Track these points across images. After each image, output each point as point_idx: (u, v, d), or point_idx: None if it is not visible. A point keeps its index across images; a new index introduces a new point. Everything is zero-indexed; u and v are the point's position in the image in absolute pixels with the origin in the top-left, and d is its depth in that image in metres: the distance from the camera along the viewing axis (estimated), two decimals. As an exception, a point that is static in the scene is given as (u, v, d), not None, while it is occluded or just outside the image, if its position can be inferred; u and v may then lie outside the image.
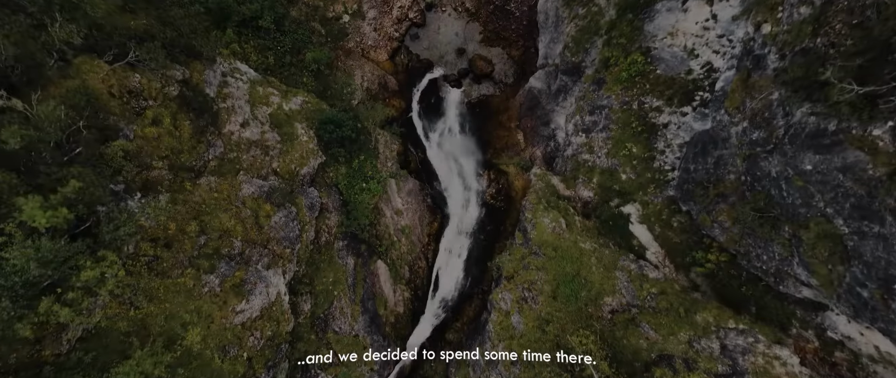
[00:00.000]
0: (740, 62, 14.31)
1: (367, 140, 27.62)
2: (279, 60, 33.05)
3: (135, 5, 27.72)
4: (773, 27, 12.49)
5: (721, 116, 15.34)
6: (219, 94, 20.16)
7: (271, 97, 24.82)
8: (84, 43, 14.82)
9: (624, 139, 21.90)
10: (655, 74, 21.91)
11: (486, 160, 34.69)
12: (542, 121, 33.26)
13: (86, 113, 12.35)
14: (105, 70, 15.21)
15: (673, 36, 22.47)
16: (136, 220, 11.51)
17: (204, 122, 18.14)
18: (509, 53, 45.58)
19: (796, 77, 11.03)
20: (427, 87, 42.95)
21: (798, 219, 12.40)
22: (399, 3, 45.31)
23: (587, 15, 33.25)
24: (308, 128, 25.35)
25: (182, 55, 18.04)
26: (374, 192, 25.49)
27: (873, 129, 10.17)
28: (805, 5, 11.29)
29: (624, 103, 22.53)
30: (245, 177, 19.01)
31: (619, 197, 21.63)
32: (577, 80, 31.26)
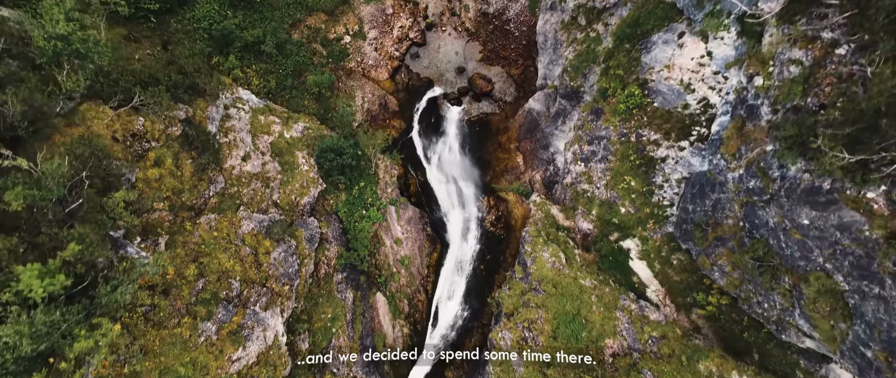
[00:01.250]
0: (735, 110, 14.46)
1: (368, 166, 27.78)
2: (281, 83, 33.43)
3: (139, 33, 28.36)
4: (765, 80, 12.64)
5: (718, 160, 15.44)
6: (221, 129, 20.39)
7: (273, 126, 25.06)
8: (90, 90, 15.05)
9: (622, 172, 21.99)
10: (653, 107, 22.10)
11: (485, 184, 34.80)
12: (542, 144, 33.43)
13: (89, 163, 12.51)
14: (110, 115, 15.43)
15: (669, 69, 22.71)
16: (134, 276, 11.55)
17: (205, 159, 18.32)
18: (509, 72, 46.03)
19: (789, 135, 11.16)
20: (427, 106, 43.31)
21: (798, 271, 12.41)
22: (400, 23, 45.94)
23: (585, 40, 33.67)
24: (309, 156, 25.53)
25: (186, 94, 18.31)
26: (374, 220, 25.53)
27: (867, 191, 10.24)
28: (795, 65, 11.44)
29: (622, 135, 22.68)
30: (245, 212, 19.11)
31: (619, 231, 21.64)
32: (576, 104, 31.51)
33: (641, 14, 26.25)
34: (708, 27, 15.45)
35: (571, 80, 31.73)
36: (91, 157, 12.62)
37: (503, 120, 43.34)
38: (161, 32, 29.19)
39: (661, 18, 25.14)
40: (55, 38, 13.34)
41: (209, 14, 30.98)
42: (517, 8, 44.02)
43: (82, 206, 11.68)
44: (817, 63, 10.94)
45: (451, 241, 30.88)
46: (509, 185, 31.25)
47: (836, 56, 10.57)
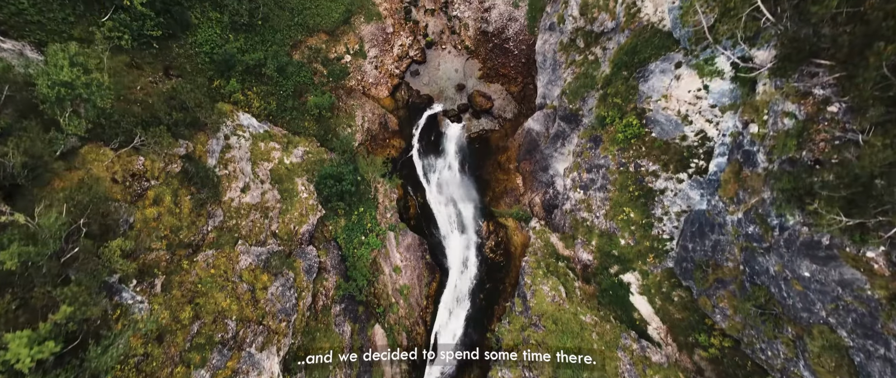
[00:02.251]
0: (731, 154, 14.46)
1: (367, 190, 27.79)
2: (281, 105, 33.62)
3: (141, 60, 28.65)
4: (759, 128, 12.67)
5: (716, 201, 15.40)
6: (221, 160, 20.46)
7: (272, 152, 25.12)
8: (91, 132, 15.12)
9: (622, 202, 21.95)
10: (651, 137, 22.13)
11: (485, 206, 34.70)
12: (541, 165, 33.44)
13: (88, 210, 12.50)
14: (110, 157, 15.49)
15: (667, 99, 22.79)
16: (126, 334, 11.38)
17: (204, 195, 18.33)
18: (508, 89, 46.30)
19: (785, 188, 11.12)
20: (427, 123, 43.48)
21: (801, 322, 12.24)
22: (400, 42, 46.39)
23: (584, 62, 33.89)
24: (308, 182, 25.55)
25: (186, 130, 18.41)
26: (373, 247, 25.45)
27: (867, 250, 10.16)
28: (788, 117, 11.46)
29: (621, 164, 22.67)
30: (243, 247, 19.06)
31: (619, 264, 21.51)
32: (575, 127, 31.59)
33: (639, 42, 26.46)
34: (703, 73, 15.53)
35: (570, 102, 31.87)
36: (90, 205, 12.61)
37: (503, 137, 43.46)
38: (163, 58, 29.49)
39: (658, 47, 25.33)
40: (59, 85, 13.44)
41: (211, 38, 31.32)
42: (516, 27, 44.48)
43: (78, 256, 11.64)
44: (810, 118, 10.97)
45: (451, 268, 30.68)
46: (509, 210, 31.19)
47: (829, 113, 10.61)
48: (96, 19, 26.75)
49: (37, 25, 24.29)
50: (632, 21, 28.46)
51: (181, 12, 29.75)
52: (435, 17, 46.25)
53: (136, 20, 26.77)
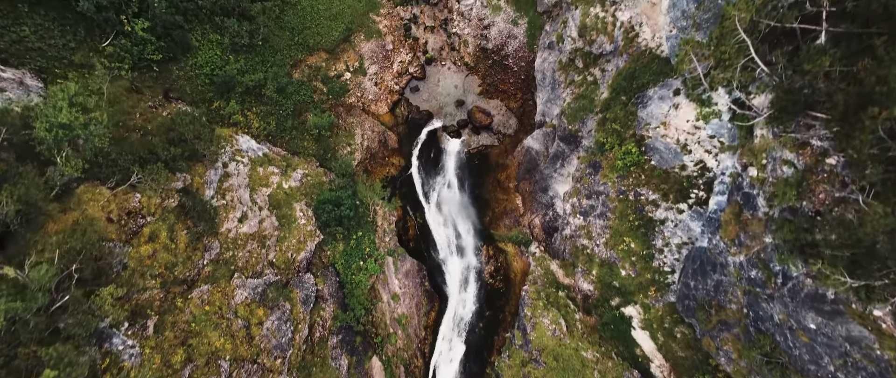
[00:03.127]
0: (731, 195, 14.31)
1: (366, 213, 27.62)
2: (281, 125, 33.63)
3: (141, 83, 28.73)
4: (758, 172, 12.52)
5: (717, 241, 15.20)
6: (219, 190, 20.36)
7: (271, 177, 25.00)
8: (87, 171, 15.00)
9: (622, 232, 21.76)
10: (650, 165, 22.00)
11: (484, 227, 34.45)
12: (541, 186, 33.27)
13: (81, 256, 12.32)
14: (107, 196, 15.38)
15: (666, 127, 22.71)
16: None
17: (201, 228, 18.18)
18: (508, 105, 46.39)
19: (787, 239, 10.92)
20: (427, 139, 43.49)
21: (808, 374, 11.93)
22: (400, 58, 46.63)
23: (582, 83, 33.95)
24: (307, 207, 25.38)
25: (185, 162, 18.33)
26: (371, 273, 25.17)
27: (873, 308, 9.92)
28: (787, 165, 11.32)
29: (620, 192, 22.53)
30: (239, 280, 18.83)
31: (620, 296, 21.23)
32: (575, 148, 31.50)
33: (637, 67, 26.50)
34: (701, 108, 15.45)
35: (569, 123, 31.83)
36: (83, 251, 12.43)
37: (502, 154, 43.39)
38: (163, 80, 29.57)
39: (656, 74, 25.35)
40: (57, 127, 13.37)
41: (211, 60, 31.45)
42: (516, 44, 44.73)
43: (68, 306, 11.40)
44: (809, 169, 10.82)
45: (450, 294, 30.36)
46: (509, 233, 30.97)
47: (827, 165, 10.47)
48: (97, 45, 26.89)
49: (37, 52, 24.39)
50: (630, 45, 28.56)
51: (182, 35, 29.91)
52: (435, 33, 46.56)
53: (137, 45, 26.91)
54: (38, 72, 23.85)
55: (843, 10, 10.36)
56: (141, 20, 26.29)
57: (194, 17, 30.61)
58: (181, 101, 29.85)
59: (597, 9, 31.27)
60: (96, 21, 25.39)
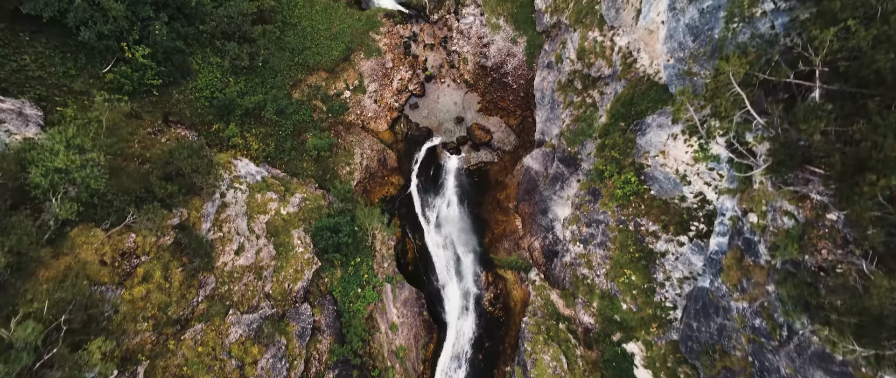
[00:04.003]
0: (732, 239, 14.28)
1: (364, 237, 27.53)
2: (279, 146, 33.70)
3: (141, 108, 28.81)
4: (759, 219, 12.51)
5: (719, 284, 15.12)
6: (216, 222, 20.29)
7: (269, 204, 24.93)
8: (82, 214, 14.95)
9: (622, 263, 21.69)
10: (650, 195, 22.00)
11: (484, 250, 34.30)
12: (540, 208, 33.22)
13: (71, 306, 12.18)
14: (101, 238, 15.32)
15: (665, 156, 22.73)
16: None
17: (197, 263, 18.10)
18: (507, 122, 46.56)
19: (791, 295, 10.87)
20: (426, 156, 43.51)
21: (812, 430, 11.68)
22: (399, 76, 46.89)
23: (581, 105, 34.09)
24: (305, 233, 25.27)
25: (182, 197, 18.32)
26: (369, 301, 25.04)
27: (885, 374, 9.79)
28: (787, 216, 11.30)
29: (620, 222, 22.50)
30: (234, 316, 18.67)
31: (622, 331, 21.10)
32: (574, 171, 31.53)
33: (635, 94, 26.63)
34: (699, 157, 15.54)
35: (569, 145, 31.89)
36: (73, 301, 12.29)
37: (502, 171, 43.41)
38: (162, 105, 29.69)
39: (654, 101, 25.46)
40: (54, 172, 13.35)
41: (211, 82, 31.62)
42: (515, 62, 45.05)
43: (53, 363, 11.19)
44: (809, 222, 10.81)
45: (449, 323, 30.12)
46: (508, 258, 30.83)
47: (828, 221, 10.45)
48: (97, 71, 27.05)
49: (37, 80, 24.50)
50: (628, 71, 28.74)
51: (182, 60, 30.12)
52: (434, 51, 46.89)
53: (137, 71, 27.07)
54: (38, 100, 23.91)
55: (835, 69, 10.44)
56: (142, 47, 26.49)
57: (195, 41, 30.86)
58: (181, 125, 29.90)
59: (595, 33, 31.53)
60: (97, 48, 25.58)
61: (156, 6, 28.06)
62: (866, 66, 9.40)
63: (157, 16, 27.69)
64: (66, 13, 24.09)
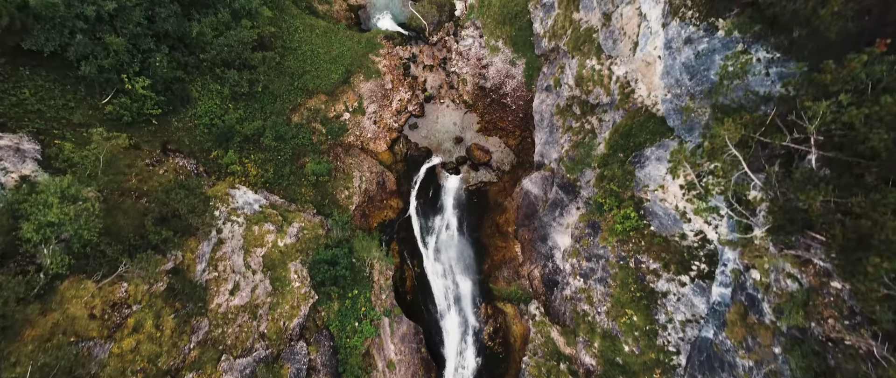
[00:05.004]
0: (735, 294, 14.12)
1: (362, 267, 27.28)
2: (278, 172, 33.64)
3: (140, 138, 28.79)
4: (762, 277, 12.36)
5: (723, 337, 14.89)
6: (211, 261, 20.07)
7: (266, 236, 24.73)
8: (74, 266, 14.77)
9: (624, 302, 21.44)
10: (649, 231, 21.85)
11: (483, 276, 33.99)
12: (540, 234, 33.01)
13: (54, 371, 11.85)
14: (91, 290, 15.09)
15: (664, 190, 22.62)
16: None
17: (190, 308, 17.83)
18: (506, 142, 46.64)
19: (801, 366, 10.65)
20: (425, 177, 43.46)
21: None
22: (399, 97, 47.14)
23: (580, 130, 34.15)
24: (302, 266, 25.00)
25: (177, 238, 18.16)
26: (366, 336, 24.68)
27: None
28: (792, 279, 11.16)
29: (620, 258, 22.32)
30: (226, 362, 18.31)
31: (624, 375, 20.71)
32: (574, 198, 31.41)
33: (633, 125, 26.67)
34: (697, 211, 15.45)
35: (568, 172, 31.84)
36: (57, 364, 11.98)
37: (501, 192, 43.31)
38: (161, 134, 29.69)
39: (653, 133, 25.48)
40: (46, 226, 13.20)
41: (211, 109, 31.69)
42: (514, 84, 45.34)
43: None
44: (814, 289, 10.65)
45: (448, 358, 29.67)
46: (508, 288, 30.53)
47: (833, 289, 10.29)
48: (97, 102, 27.12)
49: (36, 114, 24.51)
50: (626, 101, 28.85)
51: (182, 88, 30.25)
52: (433, 72, 47.25)
53: (136, 101, 27.15)
54: (36, 134, 23.89)
55: (830, 138, 10.39)
56: (142, 78, 26.61)
57: (195, 70, 31.03)
58: (179, 153, 29.86)
59: (593, 61, 31.75)
60: (97, 81, 25.68)
61: (157, 37, 28.29)
62: (860, 141, 9.36)
63: (158, 47, 27.88)
64: (67, 47, 24.25)
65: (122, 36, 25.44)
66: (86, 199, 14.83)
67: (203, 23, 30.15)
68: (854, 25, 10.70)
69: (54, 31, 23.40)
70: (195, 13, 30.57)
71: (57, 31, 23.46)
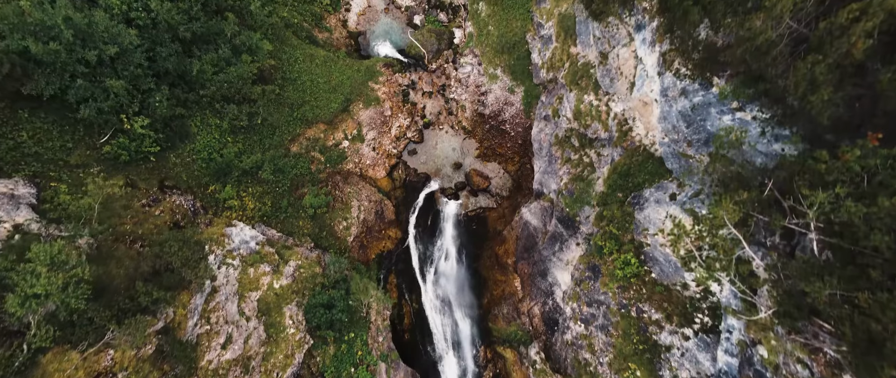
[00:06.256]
0: (742, 367, 13.82)
1: (360, 308, 26.83)
2: (276, 205, 33.44)
3: (137, 176, 28.69)
4: (770, 355, 12.08)
5: None
6: (203, 314, 19.70)
7: (262, 278, 24.36)
8: (59, 336, 14.37)
9: (626, 354, 21.01)
10: (651, 278, 21.55)
11: (482, 312, 33.47)
12: (540, 269, 32.62)
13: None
14: (75, 362, 14.66)
15: (664, 235, 22.38)
16: None
17: (179, 371, 17.32)
18: (505, 168, 46.63)
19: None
20: (424, 204, 43.26)
21: None
22: (398, 123, 47.35)
23: (579, 163, 34.13)
24: (298, 309, 24.53)
25: (169, 295, 17.82)
26: (362, 383, 24.09)
27: None
28: (802, 365, 10.88)
29: (622, 306, 21.97)
30: None
31: None
32: (573, 233, 31.15)
33: (632, 165, 26.63)
34: (700, 281, 15.27)
35: (567, 207, 31.67)
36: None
37: (500, 218, 43.05)
38: (159, 171, 29.60)
39: (651, 174, 25.41)
40: (32, 298, 12.90)
41: (209, 144, 31.68)
42: (513, 111, 45.62)
43: None
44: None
45: None
46: (507, 329, 30.01)
47: (846, 382, 9.99)
48: (95, 142, 27.11)
49: (33, 157, 24.48)
50: (624, 138, 28.88)
51: (181, 125, 30.30)
52: (433, 99, 47.59)
53: (135, 140, 27.14)
54: (32, 177, 23.78)
55: (830, 226, 10.25)
56: (141, 117, 26.65)
57: (195, 105, 31.18)
58: (176, 190, 29.70)
59: (590, 96, 31.94)
60: (96, 122, 25.70)
61: (157, 76, 28.47)
62: (863, 238, 9.22)
63: (158, 87, 28.00)
64: (67, 90, 24.34)
65: (122, 78, 25.57)
66: (76, 265, 14.53)
67: (204, 60, 30.42)
68: (846, 111, 10.71)
69: (55, 76, 23.52)
70: (196, 50, 30.88)
71: (57, 75, 23.59)
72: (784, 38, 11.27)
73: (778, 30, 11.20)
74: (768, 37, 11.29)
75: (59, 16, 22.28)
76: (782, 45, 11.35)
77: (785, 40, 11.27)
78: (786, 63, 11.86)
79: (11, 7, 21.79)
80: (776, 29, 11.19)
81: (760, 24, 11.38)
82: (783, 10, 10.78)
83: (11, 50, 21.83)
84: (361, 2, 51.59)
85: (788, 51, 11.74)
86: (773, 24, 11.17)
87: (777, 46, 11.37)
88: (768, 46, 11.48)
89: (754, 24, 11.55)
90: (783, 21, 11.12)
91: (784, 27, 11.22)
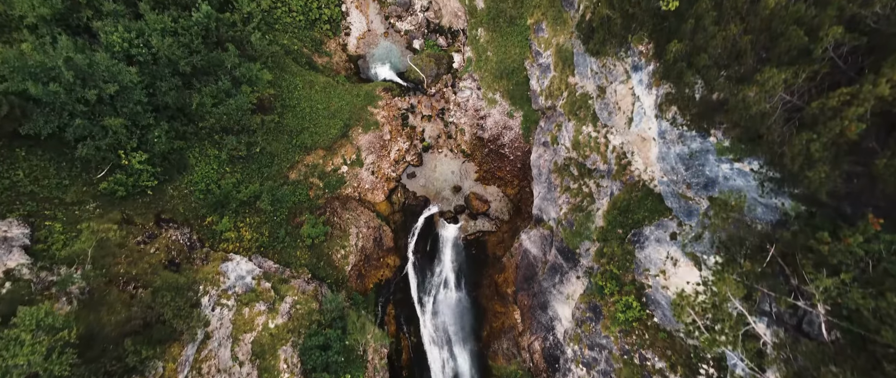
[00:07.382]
0: None
1: (356, 346, 26.32)
2: (273, 234, 33.16)
3: (133, 211, 28.49)
4: None
5: None
6: (195, 365, 19.27)
7: (257, 318, 23.92)
8: None
9: None
10: (653, 323, 21.19)
11: (481, 345, 32.90)
12: (540, 302, 32.17)
13: None
14: None
15: (665, 276, 22.10)
16: None
17: None
18: (505, 191, 46.53)
19: None
20: (423, 228, 43.00)
21: None
22: (397, 147, 47.45)
23: (578, 193, 34.01)
24: (293, 351, 24.01)
25: (159, 350, 17.45)
26: (358, 429, 23.49)
27: None
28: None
29: (624, 352, 21.57)
30: None
31: None
32: (573, 266, 30.82)
33: (631, 200, 26.50)
34: (707, 347, 15.01)
35: (567, 239, 31.42)
36: None
37: (500, 243, 42.72)
38: (156, 204, 29.43)
39: (651, 211, 25.25)
40: (13, 369, 12.51)
41: (207, 175, 31.60)
42: (512, 135, 45.77)
43: None
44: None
45: None
46: (507, 368, 29.48)
47: None
48: (92, 178, 27.00)
49: (29, 196, 24.32)
50: (623, 172, 28.83)
51: (180, 157, 30.26)
52: (432, 122, 47.80)
53: (132, 175, 27.03)
54: (26, 217, 23.56)
55: (839, 310, 10.03)
56: (139, 153, 26.60)
57: (194, 137, 31.20)
58: (173, 223, 29.45)
59: (589, 128, 32.02)
60: (93, 159, 25.63)
61: (156, 110, 28.53)
62: (873, 331, 9.00)
63: (157, 122, 28.02)
64: (65, 128, 24.32)
65: (121, 115, 25.59)
66: (63, 327, 14.17)
67: (203, 92, 30.54)
68: (844, 186, 10.63)
69: (54, 115, 23.53)
70: (196, 82, 31.06)
71: (56, 114, 23.60)
72: (777, 109, 11.27)
73: (771, 102, 11.21)
74: (762, 108, 11.30)
75: (60, 57, 22.43)
76: (776, 115, 11.34)
77: (779, 112, 11.27)
78: (781, 131, 11.84)
79: (13, 51, 21.94)
80: (769, 101, 11.20)
81: (754, 96, 11.40)
82: (775, 86, 10.80)
83: (11, 91, 21.87)
84: (361, 26, 52.32)
85: (783, 119, 11.72)
86: (765, 97, 11.19)
87: (771, 117, 11.36)
88: (762, 116, 11.47)
89: (747, 94, 11.57)
90: (776, 94, 11.13)
91: (777, 99, 11.23)
